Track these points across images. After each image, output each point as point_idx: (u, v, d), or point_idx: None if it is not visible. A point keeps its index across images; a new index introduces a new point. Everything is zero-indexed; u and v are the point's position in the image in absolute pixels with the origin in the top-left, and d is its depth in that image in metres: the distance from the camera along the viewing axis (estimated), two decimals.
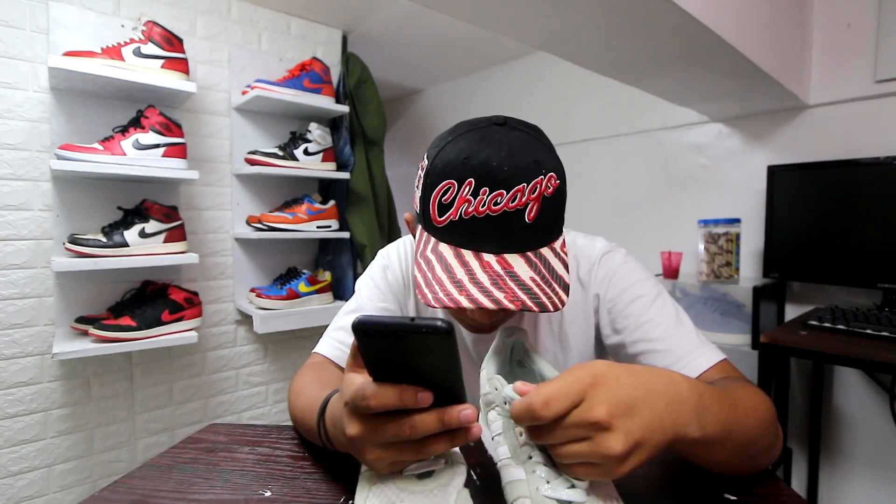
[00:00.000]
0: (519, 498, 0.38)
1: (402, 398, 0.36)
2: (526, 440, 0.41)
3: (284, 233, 1.73)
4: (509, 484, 0.40)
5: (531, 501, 0.38)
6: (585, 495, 0.37)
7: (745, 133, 1.73)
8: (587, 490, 0.38)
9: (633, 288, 0.65)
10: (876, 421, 1.46)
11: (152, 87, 1.44)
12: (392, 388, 0.36)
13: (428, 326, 0.32)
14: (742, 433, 0.45)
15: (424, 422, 0.36)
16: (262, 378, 1.92)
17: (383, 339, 0.34)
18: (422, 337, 0.33)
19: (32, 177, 1.42)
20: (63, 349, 1.30)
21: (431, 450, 0.38)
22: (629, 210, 2.07)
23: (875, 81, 1.43)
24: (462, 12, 0.98)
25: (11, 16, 1.38)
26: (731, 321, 1.56)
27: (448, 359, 0.34)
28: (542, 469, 0.39)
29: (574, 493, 0.37)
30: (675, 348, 0.60)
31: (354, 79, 1.99)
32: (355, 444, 0.40)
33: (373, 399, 0.36)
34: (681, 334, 0.61)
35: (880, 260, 1.32)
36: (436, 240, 0.53)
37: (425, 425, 0.36)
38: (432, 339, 0.33)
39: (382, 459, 0.39)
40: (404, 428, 0.36)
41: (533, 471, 0.39)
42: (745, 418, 0.46)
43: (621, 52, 1.18)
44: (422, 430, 0.37)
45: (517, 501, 0.38)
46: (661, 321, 0.62)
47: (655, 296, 0.64)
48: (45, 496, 1.47)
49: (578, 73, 1.62)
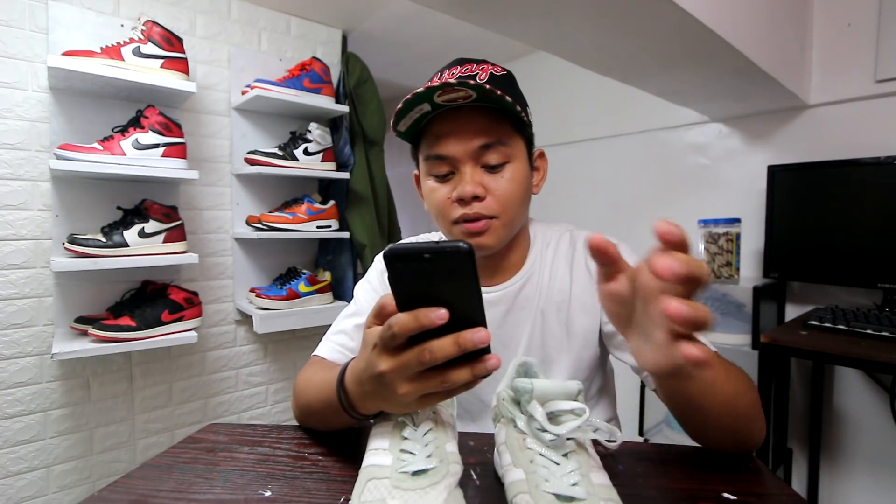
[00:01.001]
0: (518, 494, 0.39)
1: (418, 318, 0.38)
2: (527, 446, 0.42)
3: (284, 233, 1.73)
4: (510, 484, 0.41)
5: (530, 496, 0.38)
6: (585, 493, 0.37)
7: (745, 133, 1.73)
8: (587, 489, 0.38)
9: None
10: (876, 421, 1.46)
11: (152, 87, 1.44)
12: (411, 312, 0.38)
13: (452, 246, 0.35)
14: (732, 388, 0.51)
15: (442, 345, 0.38)
16: (261, 378, 1.92)
17: (412, 263, 0.37)
18: (446, 257, 0.36)
19: (32, 177, 1.42)
20: (62, 349, 1.30)
21: (453, 378, 0.39)
22: (629, 210, 2.06)
23: (875, 81, 1.43)
24: (462, 12, 0.98)
25: (11, 15, 1.38)
26: (732, 321, 1.56)
27: (469, 282, 0.37)
28: (543, 470, 0.39)
29: (574, 490, 0.37)
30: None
31: (354, 79, 1.99)
32: (385, 382, 0.41)
33: (396, 325, 0.38)
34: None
35: (880, 260, 1.32)
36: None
37: (443, 349, 0.38)
38: (455, 258, 0.36)
39: (411, 394, 0.41)
40: (424, 354, 0.38)
41: (534, 471, 0.40)
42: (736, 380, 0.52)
43: (621, 52, 1.18)
44: (440, 353, 0.38)
45: (517, 497, 0.39)
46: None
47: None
48: (44, 496, 1.46)
49: (578, 73, 1.62)
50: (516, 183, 0.67)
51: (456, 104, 0.64)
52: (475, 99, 0.63)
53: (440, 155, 0.66)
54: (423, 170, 0.71)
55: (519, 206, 0.69)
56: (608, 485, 0.40)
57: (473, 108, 0.65)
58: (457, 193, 0.66)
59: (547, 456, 0.41)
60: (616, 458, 0.54)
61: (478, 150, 0.65)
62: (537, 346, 0.73)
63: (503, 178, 0.67)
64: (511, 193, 0.67)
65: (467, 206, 0.66)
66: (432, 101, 0.63)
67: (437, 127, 0.67)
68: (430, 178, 0.70)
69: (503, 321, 0.74)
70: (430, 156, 0.68)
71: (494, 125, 0.65)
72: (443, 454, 0.42)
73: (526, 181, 0.70)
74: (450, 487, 0.40)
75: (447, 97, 0.62)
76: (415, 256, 0.36)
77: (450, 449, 0.44)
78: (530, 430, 0.43)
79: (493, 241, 0.68)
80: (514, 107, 0.63)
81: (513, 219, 0.68)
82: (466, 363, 0.40)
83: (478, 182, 0.65)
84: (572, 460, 0.40)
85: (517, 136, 0.68)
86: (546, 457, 0.41)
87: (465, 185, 0.65)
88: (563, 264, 0.75)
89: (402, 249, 0.37)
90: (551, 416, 0.43)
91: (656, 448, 0.57)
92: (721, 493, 0.48)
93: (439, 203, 0.69)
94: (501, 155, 0.66)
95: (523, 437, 0.43)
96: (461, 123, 0.65)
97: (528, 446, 0.42)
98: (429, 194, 0.71)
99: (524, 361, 0.57)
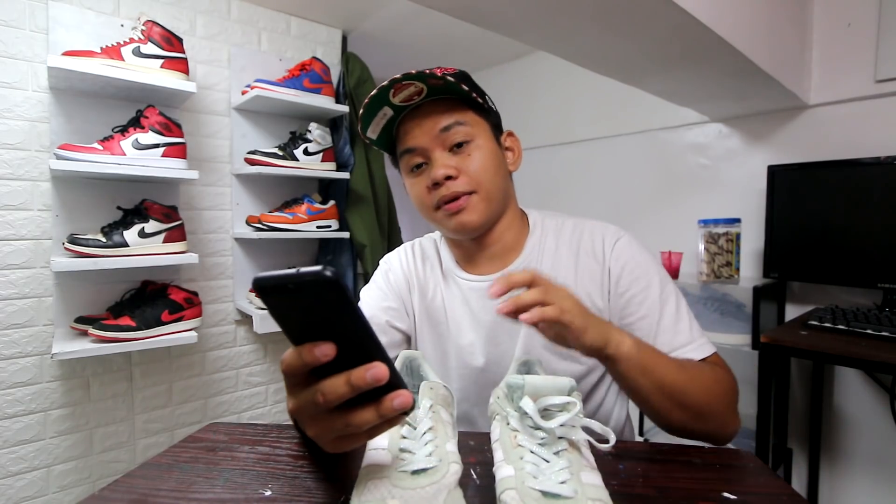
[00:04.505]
0: (506, 490, 0.39)
1: (301, 355, 0.33)
2: (518, 443, 0.42)
3: (284, 233, 1.73)
4: (500, 480, 0.41)
5: (517, 492, 0.38)
6: (573, 492, 0.37)
7: (745, 133, 1.73)
8: (576, 488, 0.38)
9: (643, 279, 0.70)
10: (876, 421, 1.46)
11: (152, 87, 1.44)
12: (296, 348, 0.34)
13: (312, 273, 0.30)
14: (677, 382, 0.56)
15: (333, 386, 0.33)
16: (261, 378, 1.91)
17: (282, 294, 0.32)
18: (310, 286, 0.31)
19: (32, 177, 1.42)
20: (62, 349, 1.30)
21: (356, 421, 0.35)
22: (629, 210, 2.06)
23: (875, 81, 1.43)
24: (462, 12, 0.98)
25: (11, 15, 1.38)
26: (732, 321, 1.56)
27: (346, 311, 0.32)
28: (532, 467, 0.39)
29: (562, 489, 0.37)
30: (666, 344, 0.66)
31: (354, 79, 1.99)
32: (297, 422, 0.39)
33: (283, 363, 0.35)
34: (676, 330, 0.67)
35: (880, 260, 1.32)
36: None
37: (335, 390, 0.33)
38: (320, 287, 0.31)
39: (320, 436, 0.38)
40: (318, 396, 0.34)
41: (522, 468, 0.40)
42: (687, 378, 0.57)
43: (621, 52, 1.18)
44: (332, 395, 0.33)
45: (504, 493, 0.39)
46: (663, 315, 0.68)
47: (661, 289, 0.69)
48: (44, 496, 1.46)
49: (578, 73, 1.62)
50: (484, 157, 0.70)
51: (413, 102, 0.68)
52: (429, 92, 0.67)
53: (409, 147, 0.71)
54: (403, 170, 0.75)
55: (493, 178, 0.71)
56: (599, 485, 0.40)
57: (433, 102, 0.69)
58: (431, 177, 0.69)
59: (537, 453, 0.40)
60: (616, 458, 0.54)
61: (440, 134, 0.69)
62: (538, 337, 0.72)
63: (469, 155, 0.69)
64: (481, 167, 0.69)
65: (443, 188, 0.68)
66: (391, 104, 0.68)
67: (403, 126, 0.72)
68: (408, 175, 0.74)
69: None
70: (402, 152, 0.72)
71: (452, 109, 0.70)
72: (442, 453, 0.42)
73: (496, 156, 0.72)
74: (449, 487, 0.40)
75: (402, 95, 0.67)
76: (281, 288, 0.32)
77: (449, 448, 0.44)
78: (522, 427, 0.43)
79: (476, 216, 0.69)
80: (466, 91, 0.67)
81: (491, 192, 0.70)
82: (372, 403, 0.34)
83: (447, 164, 0.68)
84: (563, 458, 0.40)
85: (478, 117, 0.72)
86: (536, 454, 0.40)
87: (437, 168, 0.68)
88: (566, 252, 0.74)
89: (266, 280, 0.32)
90: (544, 412, 0.43)
91: (656, 448, 0.57)
92: (721, 493, 0.48)
93: (419, 194, 0.72)
94: (463, 134, 0.69)
95: (515, 434, 0.43)
96: (422, 116, 0.70)
97: (519, 443, 0.42)
98: (410, 190, 0.74)
99: (526, 360, 0.57)
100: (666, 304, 0.68)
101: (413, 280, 0.81)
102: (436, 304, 0.78)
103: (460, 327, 0.76)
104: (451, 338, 0.77)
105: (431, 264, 0.81)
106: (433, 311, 0.78)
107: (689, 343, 0.66)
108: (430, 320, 0.79)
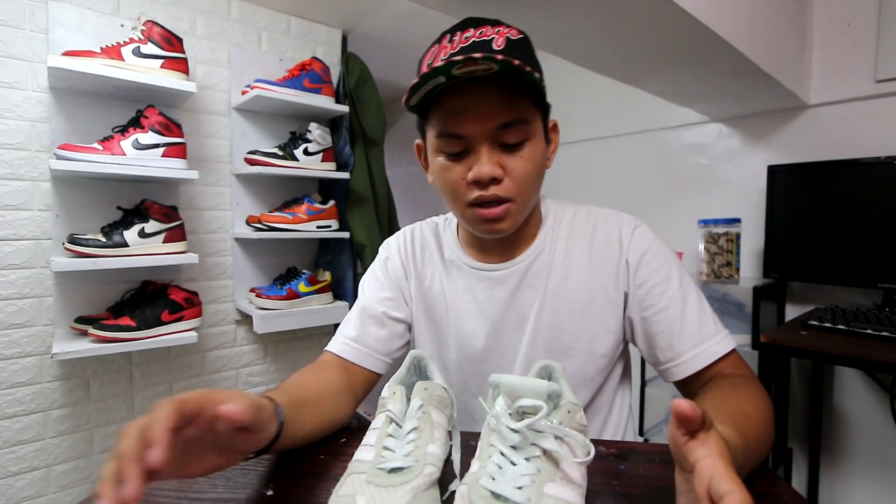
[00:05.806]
0: (462, 484, 0.39)
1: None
2: (491, 442, 0.41)
3: (284, 233, 1.73)
4: (466, 475, 0.41)
5: (467, 487, 0.38)
6: (526, 499, 0.36)
7: (745, 133, 1.73)
8: (531, 497, 0.36)
9: (662, 269, 0.68)
10: (876, 421, 1.46)
11: (152, 87, 1.44)
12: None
13: None
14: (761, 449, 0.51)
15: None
16: (261, 378, 1.91)
17: None
18: None
19: (32, 177, 1.42)
20: (62, 349, 1.30)
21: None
22: (629, 210, 2.03)
23: (875, 81, 1.43)
24: (462, 12, 0.97)
25: (11, 15, 1.38)
26: (732, 321, 1.57)
27: None
28: (494, 468, 0.39)
29: (514, 493, 0.36)
30: (693, 335, 0.64)
31: (354, 79, 1.99)
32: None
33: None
34: (701, 321, 0.65)
35: (880, 260, 1.32)
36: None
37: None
38: None
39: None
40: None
41: (485, 466, 0.39)
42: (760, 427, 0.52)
43: (622, 52, 1.18)
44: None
45: (459, 486, 0.39)
46: (686, 305, 0.66)
47: (681, 279, 0.68)
48: (44, 496, 1.46)
49: (578, 73, 1.62)
50: (534, 163, 0.63)
51: (473, 76, 0.57)
52: (496, 72, 0.57)
53: (456, 133, 0.61)
54: (434, 146, 0.65)
55: (535, 184, 0.66)
56: (564, 500, 0.37)
57: (491, 80, 0.58)
58: (473, 175, 0.61)
59: (506, 455, 0.39)
60: (617, 459, 0.54)
61: (496, 130, 0.60)
62: (546, 327, 0.69)
63: (522, 157, 0.62)
64: (529, 174, 0.63)
65: (483, 189, 0.62)
66: (449, 74, 0.57)
67: (453, 101, 0.61)
68: (441, 154, 0.65)
69: (511, 300, 0.71)
70: (443, 133, 0.62)
71: (514, 101, 0.60)
72: (421, 454, 0.42)
73: (543, 159, 0.66)
74: (418, 488, 0.39)
75: (466, 69, 0.56)
76: None
77: (430, 450, 0.43)
78: (498, 427, 0.42)
79: (510, 226, 0.65)
80: (536, 80, 0.59)
81: (528, 201, 0.66)
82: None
83: (496, 163, 0.61)
84: (532, 465, 0.38)
85: (536, 111, 0.64)
86: (505, 456, 0.39)
87: (483, 165, 0.60)
88: (580, 241, 0.72)
89: None
90: (522, 415, 0.41)
91: (657, 448, 0.57)
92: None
93: (453, 184, 0.64)
94: (521, 134, 0.61)
95: (492, 433, 0.42)
96: (478, 99, 0.60)
97: (492, 443, 0.41)
98: (440, 173, 0.65)
99: (546, 364, 0.55)
100: (688, 295, 0.66)
101: (410, 268, 0.78)
102: (433, 292, 0.76)
103: (461, 316, 0.74)
104: (451, 327, 0.74)
105: (430, 252, 0.79)
106: (431, 299, 0.76)
107: (715, 335, 0.64)
108: (427, 309, 0.77)
